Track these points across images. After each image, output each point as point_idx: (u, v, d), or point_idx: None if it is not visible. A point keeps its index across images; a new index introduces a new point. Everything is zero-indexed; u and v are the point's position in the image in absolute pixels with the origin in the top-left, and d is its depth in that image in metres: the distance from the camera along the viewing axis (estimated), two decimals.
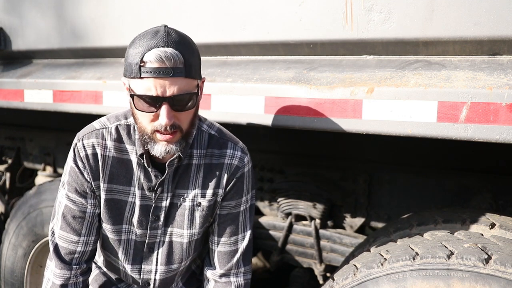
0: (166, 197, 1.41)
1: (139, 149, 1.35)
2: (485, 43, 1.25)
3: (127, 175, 1.39)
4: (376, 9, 1.35)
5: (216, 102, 1.62)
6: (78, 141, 1.38)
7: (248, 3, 1.57)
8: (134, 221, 1.42)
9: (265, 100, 1.51)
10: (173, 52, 1.16)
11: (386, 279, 1.29)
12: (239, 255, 1.48)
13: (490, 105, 1.16)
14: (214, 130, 1.45)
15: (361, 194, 1.92)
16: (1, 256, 2.44)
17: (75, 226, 1.40)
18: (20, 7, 2.20)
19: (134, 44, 1.21)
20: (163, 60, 1.15)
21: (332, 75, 1.44)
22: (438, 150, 1.76)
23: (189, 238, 1.46)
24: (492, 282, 1.16)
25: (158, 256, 1.47)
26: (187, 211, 1.43)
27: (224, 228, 1.47)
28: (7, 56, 2.40)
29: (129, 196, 1.41)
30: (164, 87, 1.17)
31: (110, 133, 1.38)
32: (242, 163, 1.43)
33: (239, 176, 1.43)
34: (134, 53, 1.19)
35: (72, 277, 1.42)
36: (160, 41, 1.17)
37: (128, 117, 1.40)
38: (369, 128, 1.34)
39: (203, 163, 1.41)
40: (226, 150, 1.42)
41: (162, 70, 1.15)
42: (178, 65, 1.17)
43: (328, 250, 1.99)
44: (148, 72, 1.16)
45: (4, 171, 3.06)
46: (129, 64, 1.20)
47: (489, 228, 1.39)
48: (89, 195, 1.39)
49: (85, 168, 1.37)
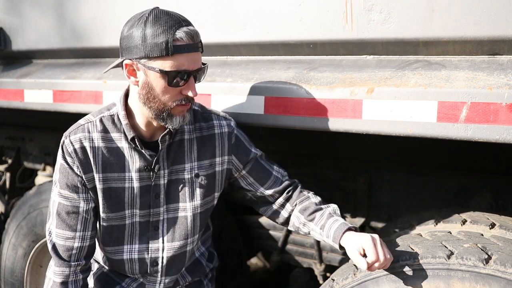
0: (164, 175, 1.45)
1: (129, 134, 1.39)
2: (485, 43, 1.25)
3: (119, 162, 1.42)
4: (376, 9, 1.35)
5: (216, 102, 1.62)
6: (65, 138, 1.42)
7: (248, 3, 1.57)
8: (136, 204, 1.45)
9: (265, 100, 1.51)
10: (194, 29, 1.29)
11: (386, 279, 1.29)
12: (281, 176, 1.56)
13: (490, 105, 1.16)
14: (196, 106, 1.54)
15: (361, 194, 1.92)
16: (1, 256, 2.44)
17: (70, 222, 1.42)
18: (20, 7, 2.20)
19: (149, 26, 1.24)
20: (193, 37, 1.27)
21: (332, 75, 1.44)
22: (438, 150, 1.76)
23: (193, 211, 1.49)
24: (492, 282, 1.16)
25: (164, 233, 1.50)
26: (187, 184, 1.48)
27: (260, 178, 1.54)
28: (7, 56, 2.40)
29: (125, 182, 1.43)
30: (194, 61, 1.29)
31: (95, 125, 1.42)
32: (231, 128, 1.53)
33: (235, 138, 1.53)
34: (157, 32, 1.23)
35: (72, 274, 1.44)
36: (180, 20, 1.27)
37: (110, 108, 1.45)
38: (369, 128, 1.34)
39: (194, 137, 1.49)
40: (212, 121, 1.52)
41: (193, 46, 1.27)
42: (200, 40, 1.31)
43: (328, 250, 1.99)
44: (182, 49, 1.25)
45: (4, 171, 3.06)
46: (153, 44, 1.23)
47: (489, 228, 1.39)
48: (80, 189, 1.42)
49: (74, 163, 1.40)
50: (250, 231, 2.18)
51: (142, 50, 1.25)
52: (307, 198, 1.51)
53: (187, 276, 1.63)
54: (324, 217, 1.42)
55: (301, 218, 1.48)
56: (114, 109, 1.44)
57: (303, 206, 1.48)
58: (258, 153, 1.57)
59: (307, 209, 1.47)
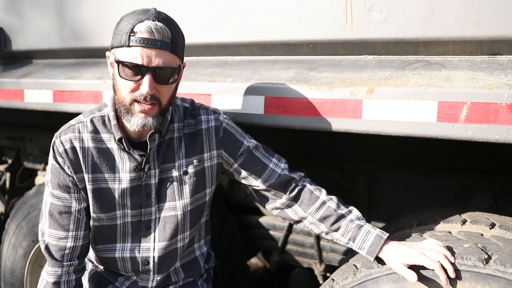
0: (155, 174, 1.45)
1: (116, 134, 1.39)
2: (485, 43, 1.25)
3: (109, 163, 1.43)
4: (376, 9, 1.35)
5: (216, 102, 1.62)
6: (56, 138, 1.42)
7: (248, 3, 1.57)
8: (127, 204, 1.45)
9: (265, 100, 1.51)
10: (162, 26, 1.25)
11: (386, 279, 1.29)
12: (280, 170, 1.50)
13: (490, 105, 1.16)
14: (187, 103, 1.53)
15: (361, 194, 1.92)
16: (1, 256, 2.44)
17: (62, 222, 1.43)
18: (20, 7, 2.20)
19: (124, 18, 1.29)
20: (153, 32, 1.23)
21: (332, 75, 1.44)
22: (438, 150, 1.76)
23: (183, 209, 1.48)
24: (492, 282, 1.16)
25: (155, 232, 1.49)
26: (176, 183, 1.47)
27: (254, 171, 1.49)
28: (7, 56, 2.40)
29: (115, 182, 1.43)
30: (150, 57, 1.24)
31: (85, 126, 1.43)
32: (219, 121, 1.49)
33: (224, 132, 1.49)
34: (124, 24, 1.26)
35: (64, 274, 1.44)
36: (151, 16, 1.25)
37: (101, 109, 1.45)
38: (369, 128, 1.34)
39: (182, 134, 1.48)
40: (199, 117, 1.49)
41: (150, 40, 1.23)
42: (166, 39, 1.25)
43: (328, 250, 1.99)
44: (137, 41, 1.23)
45: (4, 171, 3.06)
46: (118, 34, 1.26)
47: (489, 228, 1.39)
48: (72, 189, 1.42)
49: (65, 163, 1.40)
50: (250, 231, 2.18)
51: (112, 39, 1.31)
52: (323, 203, 1.45)
53: (181, 272, 1.62)
54: (352, 228, 1.38)
55: (322, 227, 1.44)
56: (105, 110, 1.44)
57: (322, 214, 1.43)
58: (251, 144, 1.50)
59: (328, 218, 1.42)
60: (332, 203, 1.45)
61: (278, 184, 1.49)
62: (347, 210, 1.44)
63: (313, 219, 1.46)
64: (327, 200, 1.46)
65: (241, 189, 2.20)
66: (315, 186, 1.50)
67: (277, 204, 1.53)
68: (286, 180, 1.49)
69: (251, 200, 2.18)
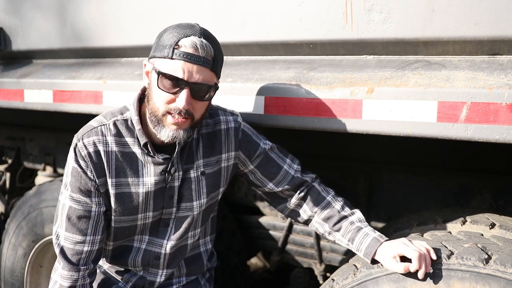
0: (178, 176, 1.45)
1: (141, 139, 1.37)
2: (485, 43, 1.25)
3: (133, 167, 1.41)
4: (376, 9, 1.35)
5: (216, 102, 1.62)
6: (78, 141, 1.38)
7: (248, 3, 1.57)
8: (150, 207, 1.45)
9: (265, 100, 1.51)
10: (207, 43, 1.26)
11: (386, 279, 1.29)
12: (293, 172, 1.54)
13: (490, 105, 1.16)
14: None
15: (361, 194, 1.92)
16: (1, 256, 2.44)
17: (81, 226, 1.40)
18: (20, 7, 2.20)
19: (169, 30, 1.29)
20: (197, 48, 1.25)
21: (332, 75, 1.44)
22: (438, 150, 1.76)
23: (199, 209, 1.50)
24: (492, 282, 1.16)
25: (171, 229, 1.50)
26: (194, 183, 1.47)
27: (269, 173, 1.53)
28: (7, 56, 2.40)
29: (139, 186, 1.42)
30: (191, 72, 1.26)
31: (109, 129, 1.40)
32: (238, 123, 1.51)
33: (242, 133, 1.52)
34: (169, 36, 1.27)
35: (80, 278, 1.42)
36: (197, 32, 1.27)
37: (123, 113, 1.43)
38: (369, 128, 1.34)
39: (200, 134, 1.48)
40: (218, 117, 1.50)
41: (194, 56, 1.25)
42: (208, 56, 1.27)
43: (328, 250, 1.99)
44: (180, 55, 1.24)
45: (4, 171, 3.05)
46: (162, 45, 1.27)
47: (489, 228, 1.39)
48: (93, 193, 1.39)
49: (88, 167, 1.37)
50: (250, 231, 2.18)
51: (154, 49, 1.31)
52: (328, 204, 1.50)
53: (183, 267, 1.63)
54: (352, 229, 1.42)
55: (326, 227, 1.49)
56: (128, 113, 1.42)
57: (326, 214, 1.48)
58: (267, 146, 1.54)
59: (331, 218, 1.47)
60: (337, 204, 1.49)
61: (290, 185, 1.53)
62: (350, 212, 1.48)
63: (318, 218, 1.51)
64: (333, 201, 1.50)
65: (241, 189, 2.20)
66: (324, 187, 1.55)
67: (288, 205, 1.56)
68: (299, 182, 1.54)
69: (251, 200, 2.18)
